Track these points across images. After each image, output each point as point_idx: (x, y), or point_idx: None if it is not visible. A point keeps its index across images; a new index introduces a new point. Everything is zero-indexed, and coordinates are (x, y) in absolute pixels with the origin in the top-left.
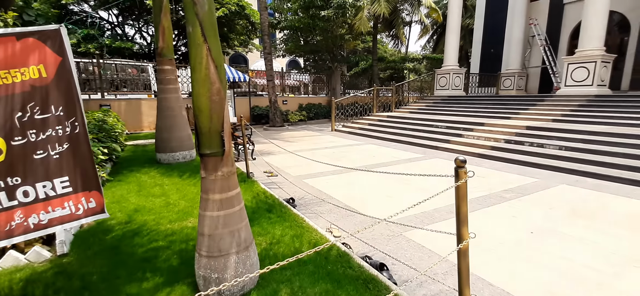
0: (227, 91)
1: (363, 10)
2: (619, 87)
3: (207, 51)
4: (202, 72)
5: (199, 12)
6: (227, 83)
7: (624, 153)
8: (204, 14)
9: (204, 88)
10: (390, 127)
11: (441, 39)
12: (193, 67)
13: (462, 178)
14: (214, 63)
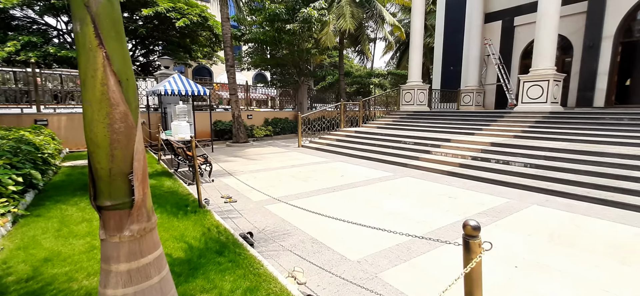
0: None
1: (329, 25)
2: (566, 103)
3: (104, 59)
4: (97, 89)
5: (92, 3)
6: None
7: (588, 170)
8: (100, 6)
9: (100, 113)
10: (359, 143)
11: (405, 56)
12: (83, 82)
13: (476, 254)
14: (116, 77)
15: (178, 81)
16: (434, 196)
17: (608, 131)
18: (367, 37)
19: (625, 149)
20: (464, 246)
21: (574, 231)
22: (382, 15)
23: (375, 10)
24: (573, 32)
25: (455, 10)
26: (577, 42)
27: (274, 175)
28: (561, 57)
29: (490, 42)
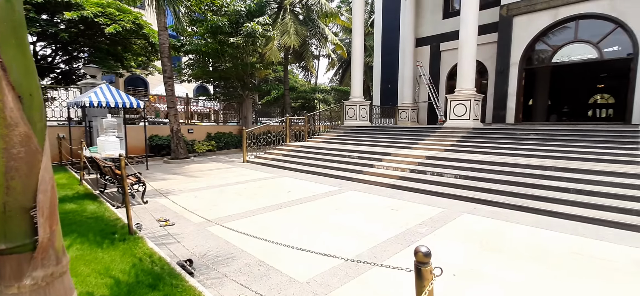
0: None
1: (273, 40)
2: (484, 120)
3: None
4: None
5: None
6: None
7: (506, 180)
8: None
9: None
10: (305, 158)
11: (347, 73)
12: None
13: (428, 281)
14: (14, 91)
15: (106, 92)
16: (378, 209)
17: (519, 145)
18: (311, 53)
19: (534, 161)
20: (415, 273)
21: (499, 237)
22: (325, 34)
23: (318, 28)
24: (487, 58)
25: (390, 34)
26: (491, 67)
27: (217, 193)
28: (479, 80)
29: (421, 63)
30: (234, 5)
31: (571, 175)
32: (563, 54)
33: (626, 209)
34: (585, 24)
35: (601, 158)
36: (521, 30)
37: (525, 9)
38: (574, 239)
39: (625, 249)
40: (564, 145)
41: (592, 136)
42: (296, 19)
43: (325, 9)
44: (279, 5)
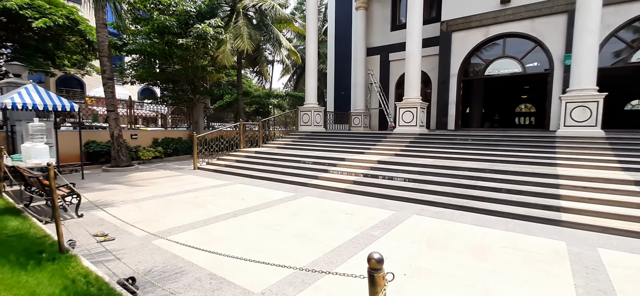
0: None
1: (226, 44)
2: (429, 126)
3: None
4: None
5: None
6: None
7: (449, 182)
8: None
9: None
10: (260, 164)
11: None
12: None
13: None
14: None
15: (33, 93)
16: (334, 213)
17: (459, 149)
18: (265, 59)
19: (472, 164)
20: (369, 280)
21: (444, 236)
22: (279, 40)
23: (272, 34)
24: (431, 69)
25: (343, 42)
26: (434, 77)
27: (164, 203)
28: (424, 89)
29: (372, 72)
30: (183, 5)
31: (503, 176)
32: (494, 67)
33: (547, 205)
34: (511, 41)
35: (526, 160)
36: (459, 44)
37: (462, 25)
38: (507, 234)
39: (547, 241)
40: (496, 149)
41: (518, 141)
42: (250, 23)
43: (279, 15)
44: (232, 9)
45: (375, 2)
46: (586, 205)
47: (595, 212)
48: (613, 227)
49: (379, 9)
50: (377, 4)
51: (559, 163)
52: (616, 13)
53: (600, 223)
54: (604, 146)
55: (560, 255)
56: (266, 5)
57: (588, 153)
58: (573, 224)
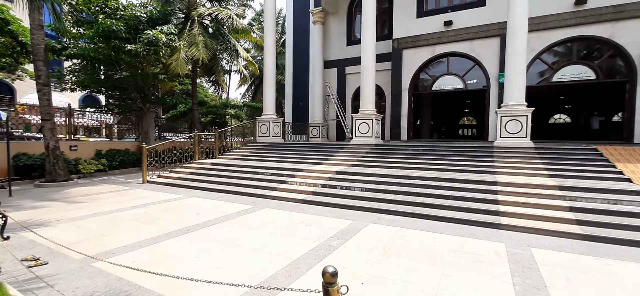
0: None
1: (180, 51)
2: (384, 137)
3: None
4: None
5: None
6: None
7: (402, 191)
8: None
9: None
10: (216, 176)
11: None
12: None
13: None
14: None
15: None
16: (292, 225)
17: (411, 159)
18: (221, 68)
19: (423, 173)
20: (324, 294)
21: (399, 243)
22: (237, 50)
23: (229, 43)
24: (385, 83)
25: (301, 55)
26: (388, 90)
27: (108, 221)
28: (379, 102)
29: (330, 84)
30: (132, 9)
31: (450, 184)
32: (440, 83)
33: (488, 210)
34: (454, 60)
35: (469, 169)
36: (409, 61)
37: (411, 44)
38: (454, 239)
39: (489, 243)
40: (444, 159)
41: (462, 151)
42: (205, 31)
43: (237, 25)
44: (186, 16)
45: (332, 18)
46: (520, 209)
47: (528, 215)
48: (543, 228)
49: (335, 24)
50: (334, 19)
51: (497, 171)
52: (539, 38)
53: (533, 225)
54: (533, 155)
55: (500, 256)
56: (223, 14)
57: (520, 162)
58: (510, 227)
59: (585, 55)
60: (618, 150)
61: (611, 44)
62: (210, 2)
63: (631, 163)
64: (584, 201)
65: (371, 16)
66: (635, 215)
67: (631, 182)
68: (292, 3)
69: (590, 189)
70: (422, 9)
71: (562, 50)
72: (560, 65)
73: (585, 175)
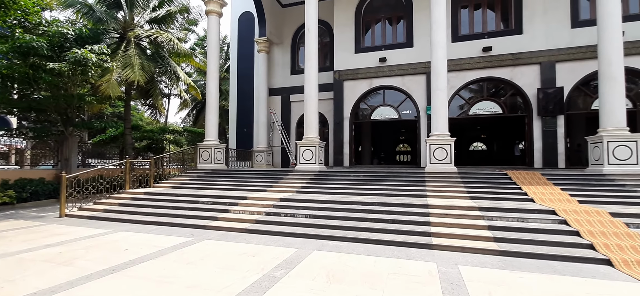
0: None
1: (112, 72)
2: (327, 163)
3: None
4: None
5: None
6: None
7: (345, 216)
8: None
9: None
10: (149, 207)
11: (201, 114)
12: None
13: None
14: None
15: None
16: (235, 256)
17: (353, 185)
18: (160, 91)
19: (364, 198)
20: None
21: (341, 268)
22: (177, 74)
23: (169, 67)
24: (328, 111)
25: (246, 81)
26: (330, 118)
27: (14, 264)
28: (322, 129)
29: (274, 111)
30: (58, 26)
31: (389, 208)
32: (378, 113)
33: (422, 232)
34: (389, 92)
35: (405, 193)
36: (350, 91)
37: (351, 76)
38: (393, 261)
39: (423, 264)
40: (383, 184)
41: (399, 177)
42: (142, 53)
43: (178, 48)
44: (122, 37)
45: (276, 48)
46: (449, 229)
47: (456, 235)
48: (468, 247)
49: (279, 53)
50: (278, 49)
51: (428, 195)
52: (457, 77)
53: (460, 244)
54: (457, 180)
55: (433, 275)
56: (163, 37)
57: (447, 186)
58: (441, 247)
59: (494, 93)
60: (523, 174)
61: (512, 85)
62: (149, 25)
63: (533, 185)
64: (499, 220)
65: (314, 49)
66: (538, 230)
67: (534, 202)
68: (237, 31)
69: (503, 209)
70: (359, 46)
71: (476, 88)
72: (475, 100)
73: (499, 196)
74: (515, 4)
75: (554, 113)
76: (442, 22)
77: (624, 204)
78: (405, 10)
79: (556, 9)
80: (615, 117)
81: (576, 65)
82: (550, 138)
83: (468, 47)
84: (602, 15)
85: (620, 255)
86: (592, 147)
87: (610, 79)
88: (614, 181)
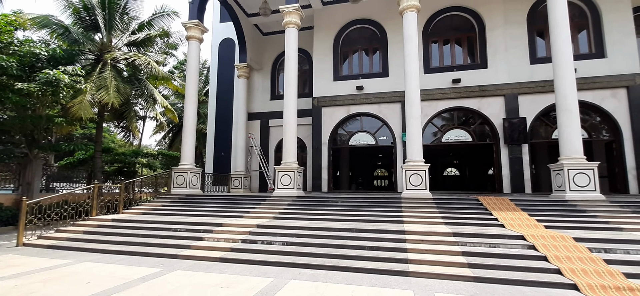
0: None
1: (85, 94)
2: (306, 188)
3: None
4: None
5: None
6: None
7: (323, 243)
8: None
9: None
10: (118, 234)
11: (178, 137)
12: None
13: None
14: None
15: None
16: (206, 289)
17: (331, 210)
18: (135, 114)
19: (342, 224)
20: None
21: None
22: (154, 97)
23: (146, 89)
24: (306, 136)
25: (225, 105)
26: (309, 143)
27: None
28: (301, 154)
29: (253, 136)
30: (31, 46)
31: (366, 235)
32: (355, 138)
33: (399, 259)
34: (366, 119)
35: (383, 219)
36: (328, 118)
37: (329, 103)
38: (370, 290)
39: (400, 291)
40: (361, 210)
41: (376, 202)
42: (119, 75)
43: (156, 72)
44: (98, 58)
45: (256, 73)
46: (424, 256)
47: (431, 261)
48: (444, 273)
49: (259, 79)
50: (258, 74)
51: (405, 221)
52: (430, 106)
53: (435, 271)
54: (432, 205)
55: None
56: (141, 60)
57: (423, 212)
58: (417, 273)
59: (464, 121)
60: (493, 200)
61: (480, 114)
62: (128, 47)
63: (503, 211)
64: (472, 246)
65: (293, 76)
66: (509, 256)
67: (504, 227)
68: (217, 56)
69: (476, 235)
70: (338, 74)
71: (448, 116)
72: (447, 128)
73: (472, 222)
74: (479, 41)
75: (519, 141)
76: (414, 55)
77: (586, 229)
78: (381, 43)
79: (516, 47)
80: (573, 146)
81: (537, 97)
82: (517, 165)
83: (439, 78)
84: (556, 54)
85: (585, 280)
86: (554, 174)
87: (566, 111)
88: (576, 206)
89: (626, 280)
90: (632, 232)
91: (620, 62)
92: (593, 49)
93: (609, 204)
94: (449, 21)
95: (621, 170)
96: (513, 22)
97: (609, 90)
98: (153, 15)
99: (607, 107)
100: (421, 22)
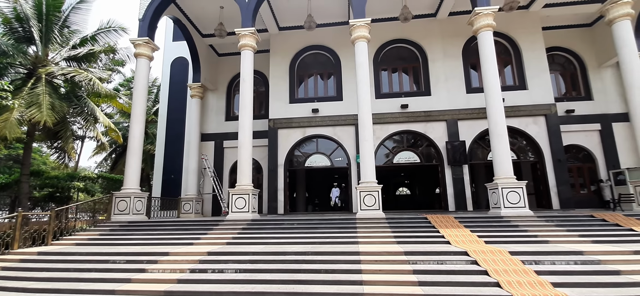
0: None
1: (12, 111)
2: (261, 211)
3: None
4: None
5: None
6: None
7: (279, 269)
8: None
9: None
10: (43, 270)
11: (121, 159)
12: None
13: None
14: None
15: None
16: None
17: (288, 234)
18: (72, 133)
19: (298, 247)
20: None
21: None
22: (95, 115)
23: (87, 107)
24: (262, 158)
25: (176, 126)
26: (265, 165)
27: None
28: (256, 176)
29: (206, 157)
30: None
31: (322, 257)
32: (311, 160)
33: (354, 281)
34: (322, 141)
35: (338, 241)
36: (284, 139)
37: (285, 125)
38: None
39: None
40: (317, 232)
41: (332, 223)
42: (55, 91)
43: (99, 89)
44: (30, 73)
45: (211, 94)
46: (378, 276)
47: (385, 282)
48: (396, 293)
49: (214, 99)
50: (213, 95)
51: (360, 241)
52: (382, 129)
53: (389, 291)
54: (385, 225)
55: None
56: (81, 77)
57: (376, 231)
58: (372, 295)
59: (413, 144)
60: (440, 218)
61: (427, 137)
62: (67, 62)
63: (448, 228)
64: (422, 264)
65: (248, 97)
66: (455, 272)
67: (450, 244)
68: (169, 75)
69: (425, 252)
70: (293, 96)
71: (398, 139)
72: (397, 150)
73: (421, 240)
74: (423, 71)
75: (460, 162)
76: (366, 81)
77: (519, 243)
78: (335, 68)
79: (454, 78)
80: (505, 167)
81: (473, 122)
82: (459, 184)
83: (389, 103)
84: (486, 85)
85: (521, 291)
86: (490, 193)
87: (498, 136)
88: (510, 222)
89: (554, 289)
90: (557, 244)
91: (538, 93)
92: (517, 81)
93: (536, 219)
94: (396, 52)
95: (545, 188)
96: (451, 55)
97: (531, 118)
98: (98, 30)
99: (530, 132)
100: (372, 51)
